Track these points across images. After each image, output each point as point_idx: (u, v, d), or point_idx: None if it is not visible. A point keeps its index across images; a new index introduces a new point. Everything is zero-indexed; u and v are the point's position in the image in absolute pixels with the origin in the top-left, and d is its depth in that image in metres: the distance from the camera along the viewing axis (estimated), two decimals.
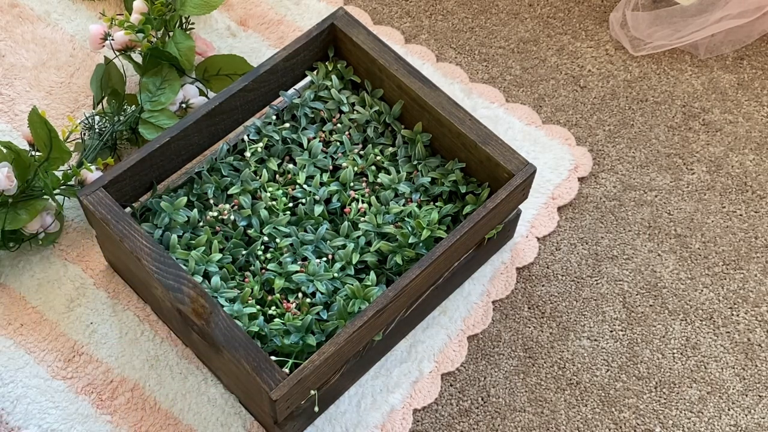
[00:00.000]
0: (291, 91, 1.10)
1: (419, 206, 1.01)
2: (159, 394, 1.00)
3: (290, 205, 1.01)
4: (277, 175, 1.04)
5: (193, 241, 0.97)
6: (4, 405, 1.00)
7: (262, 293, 0.95)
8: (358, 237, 0.99)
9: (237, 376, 0.91)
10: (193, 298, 0.89)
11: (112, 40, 1.12)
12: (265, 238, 0.98)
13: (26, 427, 0.98)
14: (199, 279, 0.93)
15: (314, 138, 1.06)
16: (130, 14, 1.14)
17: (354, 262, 0.96)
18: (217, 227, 1.00)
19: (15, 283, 1.06)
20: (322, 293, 0.95)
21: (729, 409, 1.01)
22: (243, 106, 1.05)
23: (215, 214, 0.99)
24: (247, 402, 0.97)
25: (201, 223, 0.99)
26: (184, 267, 0.93)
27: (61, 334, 1.03)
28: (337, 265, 0.96)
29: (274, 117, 1.07)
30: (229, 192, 1.01)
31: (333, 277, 0.96)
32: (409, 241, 0.97)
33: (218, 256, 0.96)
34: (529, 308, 1.08)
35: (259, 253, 0.97)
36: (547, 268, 1.10)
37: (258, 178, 1.03)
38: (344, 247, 0.98)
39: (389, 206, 1.01)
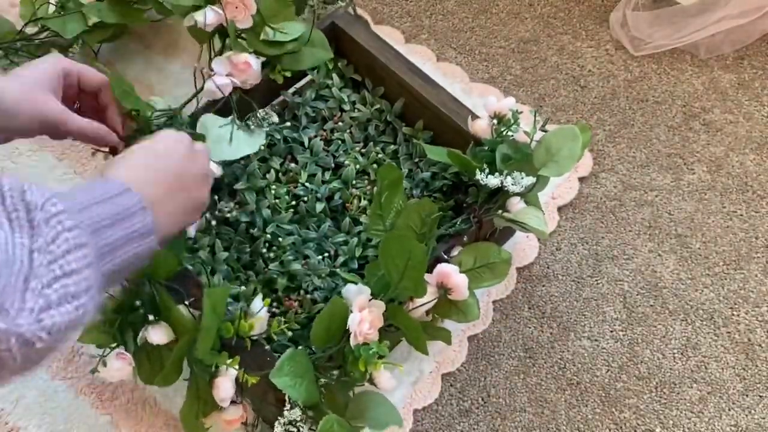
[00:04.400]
0: (292, 90, 1.09)
1: None
2: (159, 394, 1.00)
3: (293, 203, 1.01)
4: (280, 174, 1.04)
5: (197, 245, 0.97)
6: (4, 405, 0.99)
7: (265, 291, 0.95)
8: (360, 232, 0.98)
9: None
10: (198, 298, 0.88)
11: None
12: (268, 237, 0.98)
13: (26, 427, 0.98)
14: (204, 279, 0.93)
15: (315, 137, 1.05)
16: None
17: (357, 255, 0.96)
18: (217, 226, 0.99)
19: None
20: (321, 288, 0.94)
21: (729, 409, 1.01)
22: (244, 105, 1.04)
23: (217, 213, 0.99)
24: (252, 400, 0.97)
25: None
26: (190, 267, 0.93)
27: None
28: (340, 259, 0.96)
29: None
30: (236, 187, 1.00)
31: (333, 272, 0.95)
32: None
33: (224, 254, 0.96)
34: (529, 308, 1.07)
35: (263, 251, 0.97)
36: (548, 268, 1.10)
37: (263, 176, 1.02)
38: (346, 243, 0.98)
39: None
